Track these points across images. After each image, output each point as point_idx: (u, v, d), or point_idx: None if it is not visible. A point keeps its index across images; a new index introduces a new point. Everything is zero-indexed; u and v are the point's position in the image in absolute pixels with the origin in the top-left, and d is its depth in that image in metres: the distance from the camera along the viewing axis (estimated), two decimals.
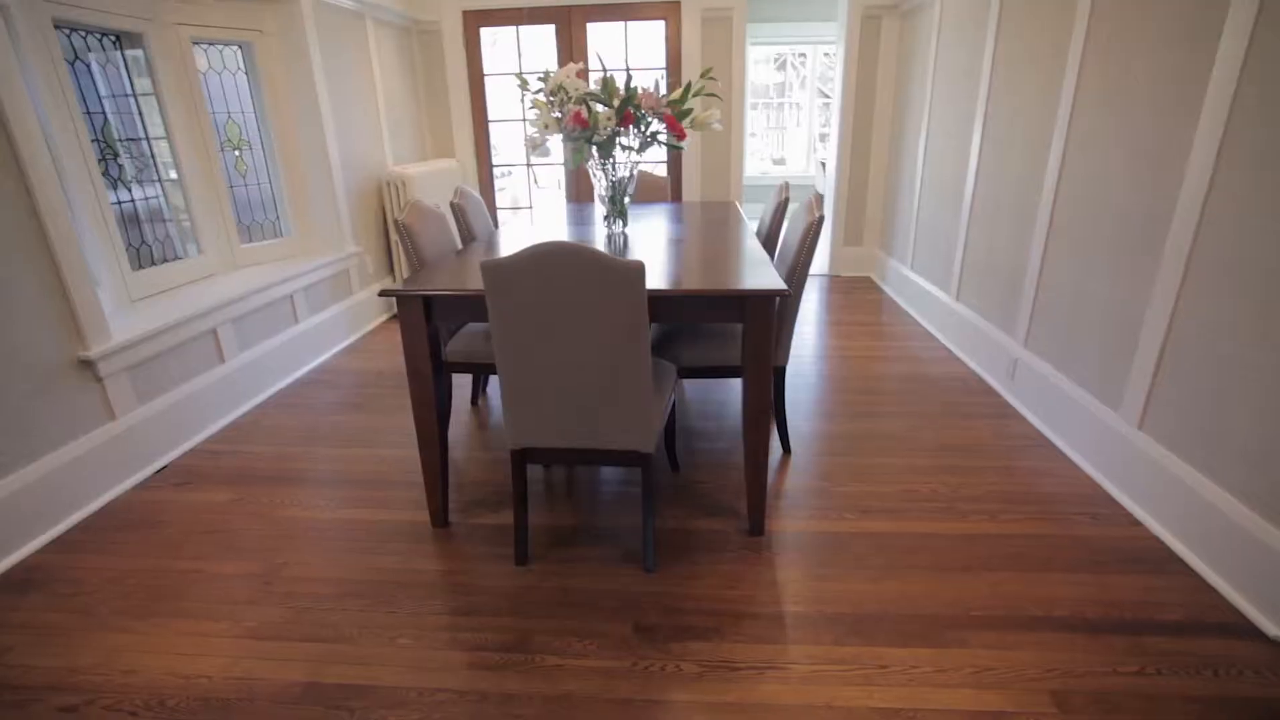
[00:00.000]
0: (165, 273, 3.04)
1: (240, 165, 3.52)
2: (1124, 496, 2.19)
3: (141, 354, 2.54)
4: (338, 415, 3.05)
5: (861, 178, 5.08)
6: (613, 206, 2.64)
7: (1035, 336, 2.83)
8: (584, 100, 2.28)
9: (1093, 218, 2.43)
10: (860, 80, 4.81)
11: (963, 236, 3.58)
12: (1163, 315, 2.03)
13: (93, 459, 2.34)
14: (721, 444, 2.69)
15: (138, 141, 2.96)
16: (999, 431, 2.74)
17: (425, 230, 2.47)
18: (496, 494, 2.37)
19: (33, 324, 2.15)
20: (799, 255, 2.26)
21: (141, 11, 2.89)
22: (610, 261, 1.54)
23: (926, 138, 4.15)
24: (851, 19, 4.64)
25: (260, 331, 3.26)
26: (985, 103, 3.31)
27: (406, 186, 4.19)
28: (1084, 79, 2.48)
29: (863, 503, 2.25)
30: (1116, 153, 2.29)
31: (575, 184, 5.22)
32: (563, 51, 4.81)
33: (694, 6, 4.59)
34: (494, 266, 1.57)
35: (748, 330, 1.84)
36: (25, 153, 2.07)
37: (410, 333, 1.91)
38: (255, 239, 3.61)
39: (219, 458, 2.69)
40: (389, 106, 4.47)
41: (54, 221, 2.17)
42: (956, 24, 3.71)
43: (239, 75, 3.46)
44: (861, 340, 3.91)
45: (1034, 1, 2.87)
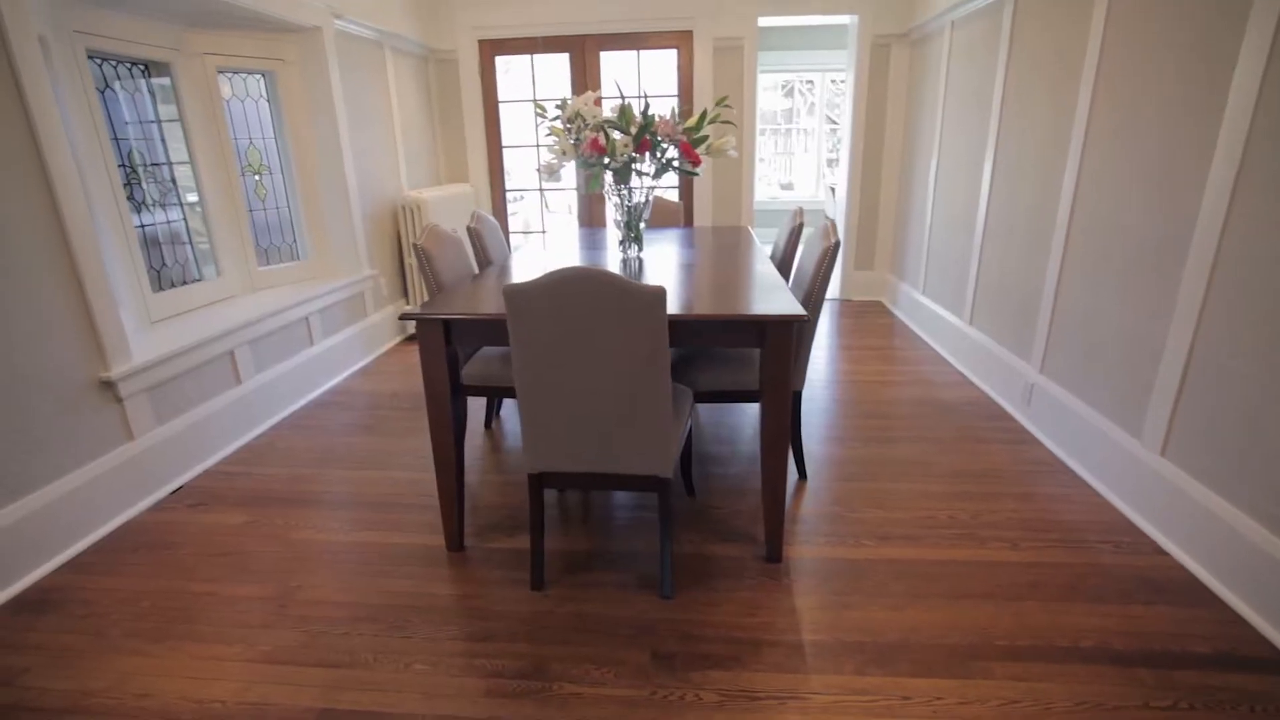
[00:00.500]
0: (185, 295, 3.07)
1: (260, 190, 3.58)
2: (1147, 524, 2.16)
3: (161, 375, 2.56)
4: (351, 437, 3.05)
5: (872, 203, 5.11)
6: (628, 231, 2.67)
7: (1051, 362, 2.82)
8: (602, 128, 2.31)
9: (1108, 244, 2.43)
10: (870, 107, 4.86)
11: (975, 261, 3.58)
12: (1183, 341, 2.02)
13: (110, 480, 2.35)
14: (736, 468, 2.68)
15: (159, 166, 3.02)
16: (1016, 457, 2.71)
17: (443, 254, 2.50)
18: (511, 518, 2.36)
19: (58, 345, 2.17)
20: (815, 280, 2.26)
21: (170, 42, 2.96)
22: (631, 287, 1.55)
23: (937, 163, 4.18)
24: (861, 47, 4.70)
25: (276, 353, 3.28)
26: (996, 129, 3.34)
27: (421, 210, 4.24)
28: (1097, 107, 2.50)
29: (881, 529, 2.22)
30: (1131, 179, 2.30)
31: (587, 209, 5.27)
32: (576, 79, 4.90)
33: (706, 36, 4.67)
34: (516, 291, 1.59)
35: (766, 355, 1.85)
36: (57, 177, 2.11)
37: (430, 356, 1.92)
38: (272, 262, 3.65)
39: (233, 479, 2.70)
40: (405, 132, 4.54)
41: (81, 245, 2.20)
42: (966, 52, 3.76)
43: (261, 102, 3.54)
44: (873, 364, 3.90)
45: (1045, 30, 2.90)
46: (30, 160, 2.07)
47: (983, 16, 3.54)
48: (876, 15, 4.64)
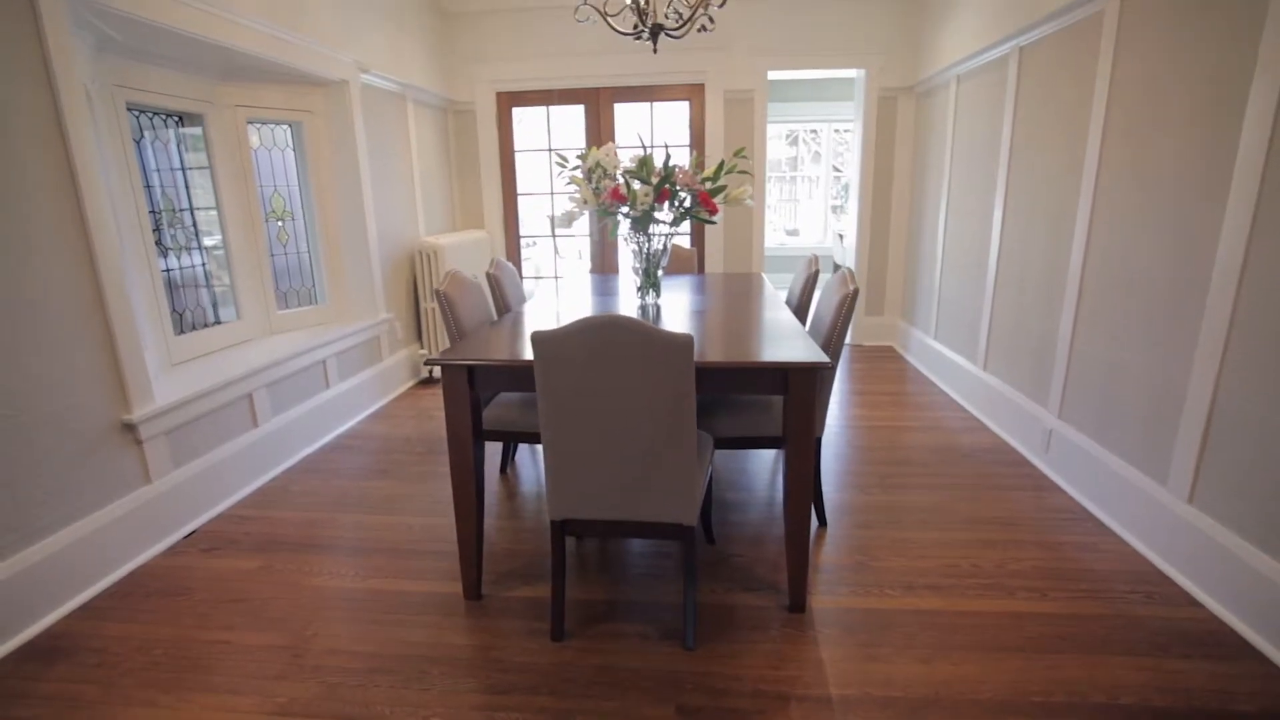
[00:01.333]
0: (205, 337, 3.11)
1: (282, 235, 3.65)
2: (1178, 574, 2.12)
3: (181, 417, 2.57)
4: (366, 481, 3.04)
5: (881, 249, 5.17)
6: (646, 278, 2.70)
7: (1070, 407, 2.81)
8: (624, 177, 2.37)
9: (1124, 289, 2.45)
10: (878, 155, 4.97)
11: (988, 307, 3.61)
12: (1206, 386, 2.02)
13: (126, 523, 2.34)
14: (753, 514, 2.65)
15: (182, 212, 3.09)
16: (1038, 504, 2.68)
17: (464, 300, 2.53)
18: (529, 565, 2.33)
19: (83, 387, 2.19)
20: (834, 327, 2.28)
21: (204, 95, 3.07)
22: (658, 334, 1.56)
23: (946, 210, 4.24)
24: (869, 99, 4.83)
25: (293, 396, 3.30)
26: (1005, 177, 3.40)
27: (438, 256, 4.31)
28: (1106, 156, 2.55)
29: (905, 578, 2.18)
30: (1144, 226, 2.33)
31: (600, 255, 5.35)
32: (591, 129, 5.03)
33: (717, 88, 4.81)
34: (545, 338, 1.60)
35: (790, 402, 1.85)
36: (94, 227, 2.16)
37: (454, 402, 1.92)
38: (290, 305, 3.70)
39: (247, 523, 2.68)
40: (423, 180, 4.65)
41: (113, 289, 2.24)
42: (972, 104, 3.86)
43: (287, 151, 3.64)
44: (888, 410, 3.89)
45: (1050, 82, 2.98)
46: (71, 210, 2.13)
47: (988, 71, 3.64)
48: (883, 69, 4.78)
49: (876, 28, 4.72)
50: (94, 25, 2.33)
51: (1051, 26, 2.96)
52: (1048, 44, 3.01)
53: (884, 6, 4.68)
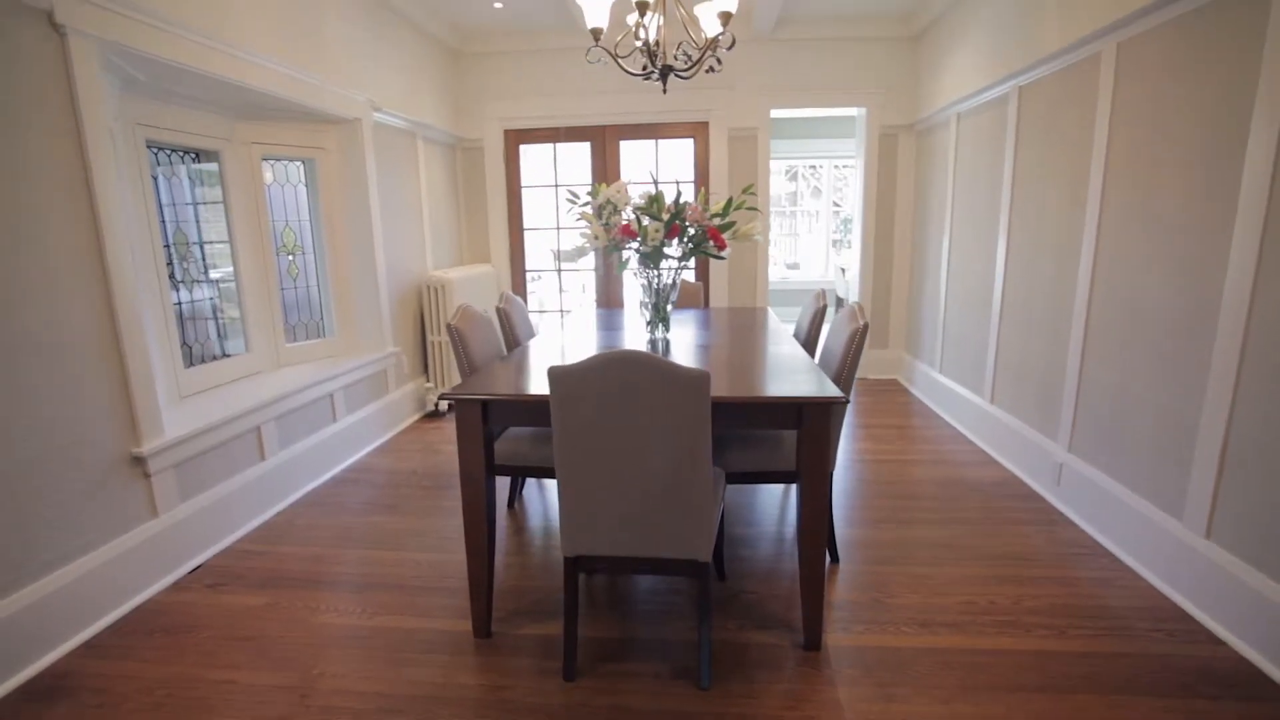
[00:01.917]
0: (214, 370, 3.12)
1: (293, 269, 3.69)
2: (1199, 611, 2.09)
3: (190, 450, 2.57)
4: (372, 516, 3.02)
5: (885, 283, 5.21)
6: (655, 313, 2.72)
7: (1080, 440, 2.80)
8: (636, 214, 2.40)
9: (1132, 323, 2.47)
10: (880, 191, 5.04)
11: (994, 340, 3.62)
12: (1218, 420, 2.02)
13: (131, 558, 2.32)
14: (764, 550, 2.62)
15: (193, 245, 3.11)
16: (1051, 539, 2.65)
17: (475, 334, 2.55)
18: (538, 603, 2.30)
19: (94, 421, 2.19)
20: (844, 361, 2.29)
21: (222, 132, 3.13)
22: (675, 369, 1.57)
23: (949, 244, 4.29)
24: (870, 136, 4.93)
25: (301, 429, 3.29)
26: (1008, 212, 3.44)
27: (446, 290, 4.35)
28: (1108, 191, 2.59)
29: (921, 615, 2.15)
30: (1150, 260, 2.36)
31: (605, 289, 5.39)
32: (597, 166, 5.11)
33: (721, 126, 4.90)
34: (561, 373, 1.61)
35: (804, 438, 1.85)
36: (113, 263, 2.19)
37: (467, 437, 1.92)
38: (299, 338, 3.72)
39: (253, 558, 2.65)
40: (432, 214, 4.72)
41: (128, 325, 2.26)
42: (973, 141, 3.93)
43: (300, 187, 3.70)
44: (895, 443, 3.88)
45: (1051, 120, 3.05)
46: (91, 250, 2.16)
47: (988, 109, 3.72)
48: (883, 108, 4.88)
49: (876, 67, 4.83)
50: (120, 67, 2.39)
51: (1050, 67, 3.04)
52: (1047, 83, 3.09)
53: (884, 47, 4.80)
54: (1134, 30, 2.45)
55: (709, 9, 2.64)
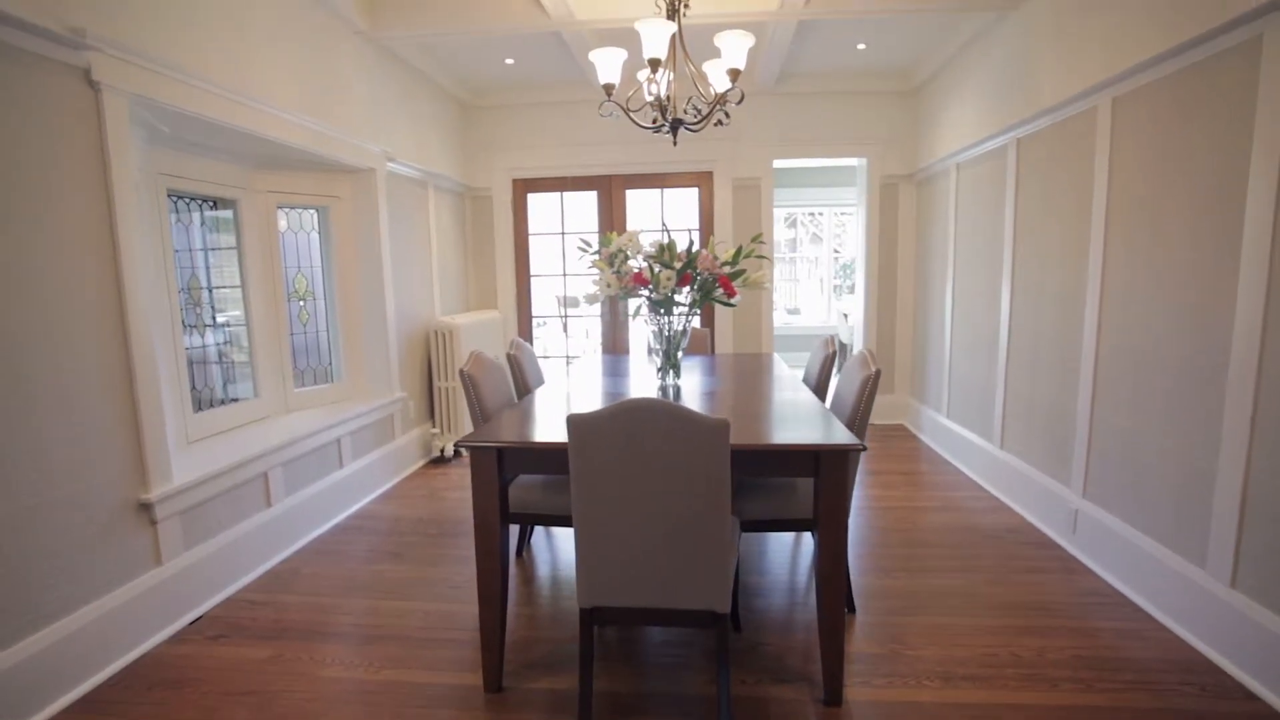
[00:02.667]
0: (222, 415, 3.11)
1: (303, 315, 3.72)
2: (1229, 664, 2.04)
3: (197, 497, 2.54)
4: (378, 564, 2.97)
5: (889, 328, 5.25)
6: (666, 359, 2.73)
7: (1095, 486, 2.78)
8: (649, 262, 2.44)
9: (1142, 368, 2.48)
10: (882, 238, 5.13)
11: (1001, 385, 3.63)
12: (1236, 467, 2.01)
13: (133, 607, 2.27)
14: (777, 599, 2.57)
15: (201, 290, 3.14)
16: (1069, 588, 2.61)
17: (487, 381, 2.55)
18: (550, 655, 2.24)
19: (104, 466, 2.18)
20: (857, 408, 2.29)
21: (239, 182, 3.20)
22: (695, 417, 1.57)
23: (953, 290, 4.33)
24: (871, 186, 5.03)
25: (307, 475, 3.27)
26: (1011, 259, 3.49)
27: (454, 336, 4.37)
28: (1111, 240, 2.64)
29: (942, 667, 2.10)
30: (1157, 306, 2.38)
31: (611, 335, 5.42)
32: (603, 215, 5.21)
33: (725, 176, 5.02)
34: (580, 421, 1.61)
35: (822, 486, 1.83)
36: (132, 312, 2.22)
37: (482, 484, 1.91)
38: (307, 383, 3.72)
39: (256, 608, 2.59)
40: (440, 261, 4.78)
41: (143, 369, 2.27)
42: (973, 190, 4.01)
43: (312, 234, 3.76)
44: (904, 489, 3.85)
45: (1050, 169, 3.12)
46: (111, 294, 2.19)
47: (987, 159, 3.81)
48: (883, 158, 5.01)
49: (876, 120, 4.97)
50: (146, 120, 2.46)
51: (1047, 120, 3.13)
52: (1045, 135, 3.17)
53: (883, 101, 4.95)
54: (1129, 86, 2.53)
55: (718, 66, 2.74)
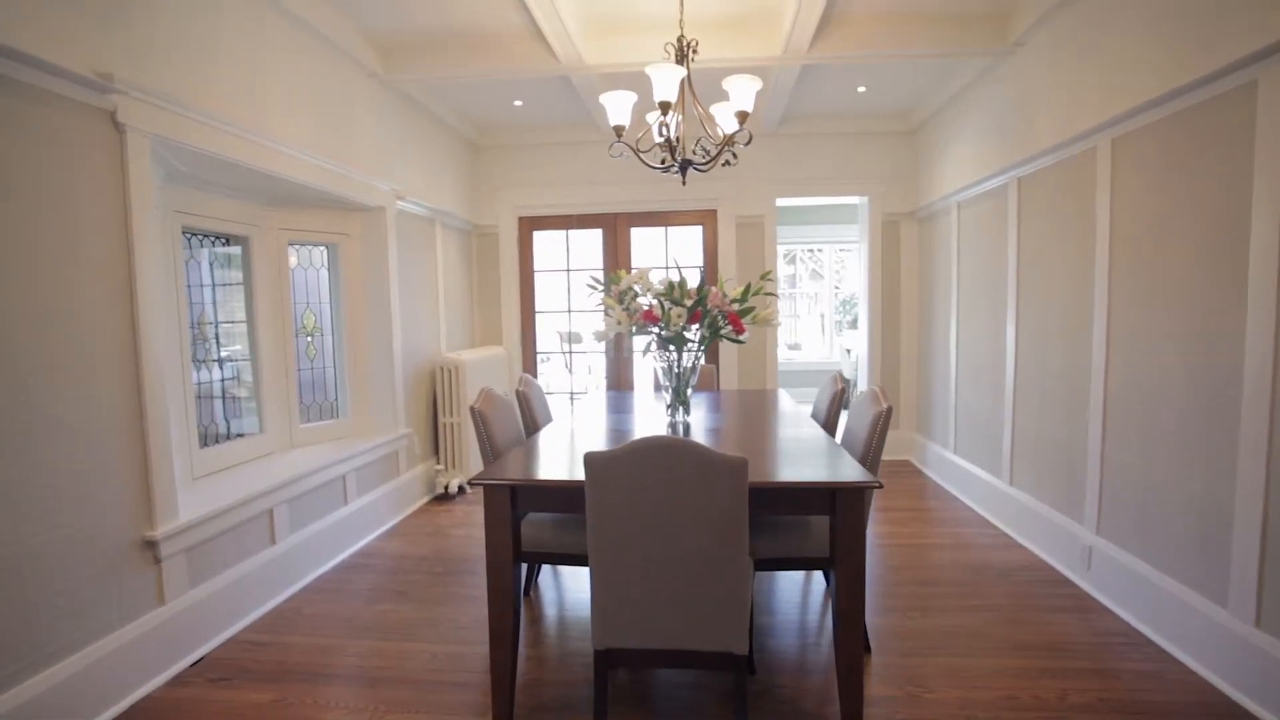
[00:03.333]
0: (227, 451, 3.09)
1: (311, 351, 3.73)
2: (1258, 707, 1.99)
3: (202, 534, 2.51)
4: (383, 604, 2.92)
5: (893, 363, 5.26)
6: (675, 396, 2.74)
7: (1109, 523, 2.76)
8: (659, 299, 2.46)
9: (1152, 403, 2.48)
10: (885, 275, 5.18)
11: (1009, 421, 3.62)
12: (1254, 503, 1.99)
13: (134, 649, 2.22)
14: (788, 639, 2.53)
15: (207, 325, 3.14)
16: (1087, 628, 2.57)
17: (497, 418, 2.55)
18: (561, 698, 2.19)
19: (111, 502, 2.15)
20: (869, 444, 2.28)
21: (252, 219, 3.24)
22: (713, 455, 1.57)
23: (957, 325, 4.36)
24: (873, 224, 5.11)
25: (312, 512, 3.23)
26: (1015, 294, 3.52)
27: (459, 372, 4.38)
28: (1116, 276, 2.66)
29: (963, 712, 2.05)
30: (1165, 341, 2.39)
31: (615, 372, 5.43)
32: (608, 252, 5.27)
33: (729, 214, 5.09)
34: (597, 459, 1.60)
35: (839, 524, 1.82)
36: (145, 344, 2.23)
37: (495, 522, 1.89)
38: (312, 419, 3.71)
39: (259, 649, 2.54)
40: (447, 298, 4.81)
41: (154, 406, 2.27)
42: (975, 227, 4.07)
43: (322, 271, 3.79)
44: (913, 526, 3.81)
45: (1052, 206, 3.17)
46: (125, 330, 2.20)
47: (988, 198, 3.87)
48: (884, 197, 5.09)
49: (876, 159, 5.07)
50: (165, 159, 2.50)
51: (1047, 160, 3.19)
52: (1046, 175, 3.23)
53: (883, 140, 5.06)
54: (1127, 127, 2.59)
55: (725, 108, 2.80)
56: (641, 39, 3.56)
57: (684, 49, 2.76)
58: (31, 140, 1.90)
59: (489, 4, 3.19)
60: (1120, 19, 2.60)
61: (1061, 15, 3.00)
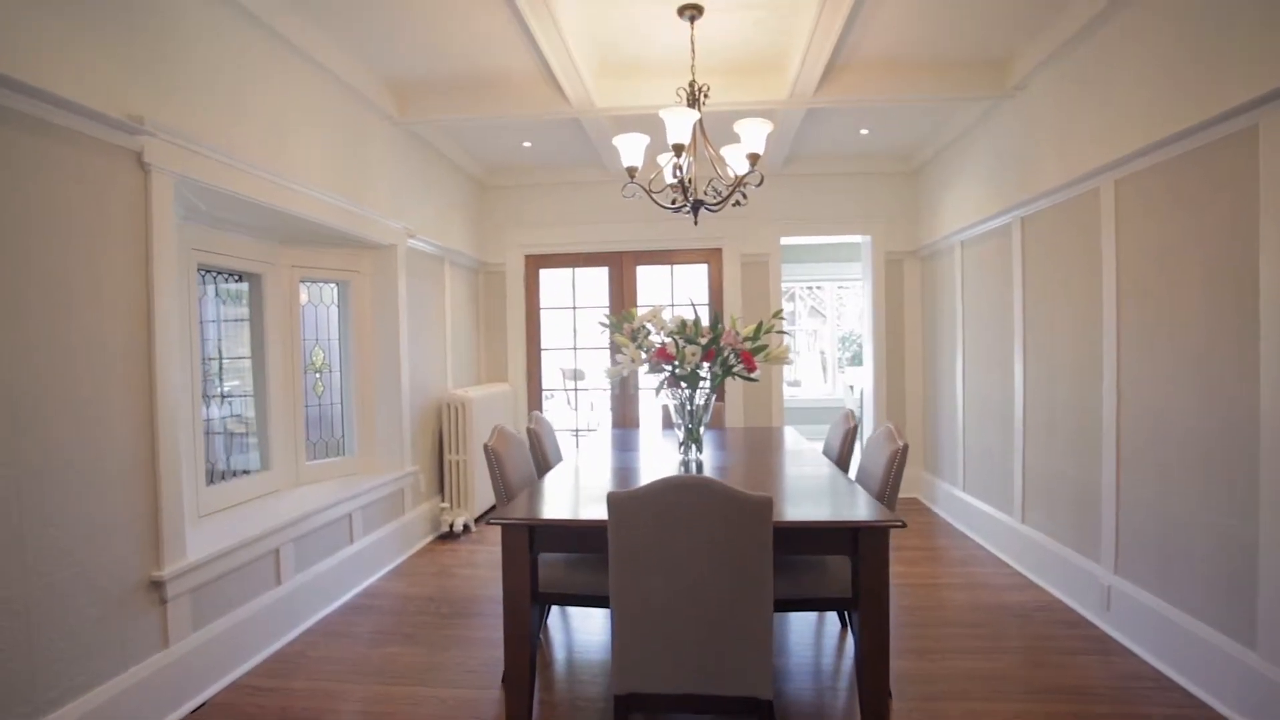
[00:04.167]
0: (234, 488, 3.06)
1: (318, 387, 3.72)
2: None
3: (208, 574, 2.47)
4: (389, 647, 2.85)
5: (898, 400, 5.26)
6: (688, 434, 2.73)
7: (1127, 562, 2.73)
8: (674, 337, 2.47)
9: (1166, 438, 2.47)
10: (889, 312, 5.21)
11: (1019, 457, 3.61)
12: (1279, 537, 1.97)
13: (137, 694, 2.16)
14: (804, 683, 2.47)
15: (211, 361, 3.14)
16: (1109, 671, 2.51)
17: (510, 456, 2.53)
18: None
19: (118, 541, 2.12)
20: (885, 483, 2.27)
21: (266, 257, 3.27)
22: (737, 495, 1.56)
23: (963, 362, 4.37)
24: (876, 262, 5.17)
25: (318, 551, 3.19)
26: (1022, 331, 3.54)
27: (466, 409, 4.37)
28: (1124, 313, 2.69)
29: None
30: (1177, 377, 2.40)
31: (620, 409, 5.42)
32: (614, 290, 5.31)
33: (734, 253, 5.15)
34: (620, 499, 1.59)
35: (862, 563, 1.80)
36: (160, 381, 2.23)
37: (513, 564, 1.86)
38: (319, 456, 3.68)
39: (262, 695, 2.47)
40: (454, 335, 4.83)
41: (167, 443, 2.26)
42: (979, 265, 4.11)
43: (332, 308, 3.81)
44: (924, 566, 3.76)
45: (1056, 244, 3.21)
46: (142, 367, 2.20)
47: (991, 237, 3.93)
48: (887, 236, 5.16)
49: (879, 199, 5.16)
50: (186, 198, 2.53)
51: (1049, 201, 3.24)
52: (1049, 215, 3.28)
53: (885, 181, 5.15)
54: (1130, 169, 2.64)
55: (735, 150, 2.86)
56: (650, 83, 3.65)
57: (695, 93, 2.83)
58: (59, 179, 1.93)
59: (504, 49, 3.28)
60: (1119, 64, 2.67)
61: (1061, 61, 3.09)
